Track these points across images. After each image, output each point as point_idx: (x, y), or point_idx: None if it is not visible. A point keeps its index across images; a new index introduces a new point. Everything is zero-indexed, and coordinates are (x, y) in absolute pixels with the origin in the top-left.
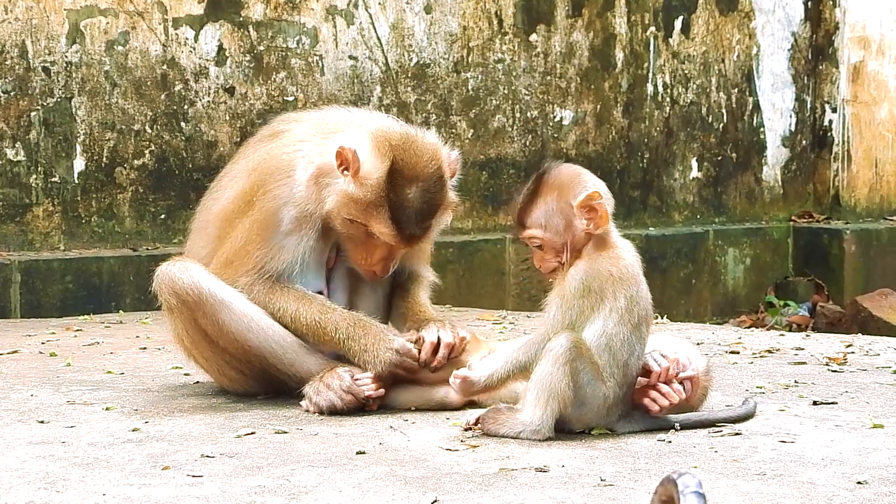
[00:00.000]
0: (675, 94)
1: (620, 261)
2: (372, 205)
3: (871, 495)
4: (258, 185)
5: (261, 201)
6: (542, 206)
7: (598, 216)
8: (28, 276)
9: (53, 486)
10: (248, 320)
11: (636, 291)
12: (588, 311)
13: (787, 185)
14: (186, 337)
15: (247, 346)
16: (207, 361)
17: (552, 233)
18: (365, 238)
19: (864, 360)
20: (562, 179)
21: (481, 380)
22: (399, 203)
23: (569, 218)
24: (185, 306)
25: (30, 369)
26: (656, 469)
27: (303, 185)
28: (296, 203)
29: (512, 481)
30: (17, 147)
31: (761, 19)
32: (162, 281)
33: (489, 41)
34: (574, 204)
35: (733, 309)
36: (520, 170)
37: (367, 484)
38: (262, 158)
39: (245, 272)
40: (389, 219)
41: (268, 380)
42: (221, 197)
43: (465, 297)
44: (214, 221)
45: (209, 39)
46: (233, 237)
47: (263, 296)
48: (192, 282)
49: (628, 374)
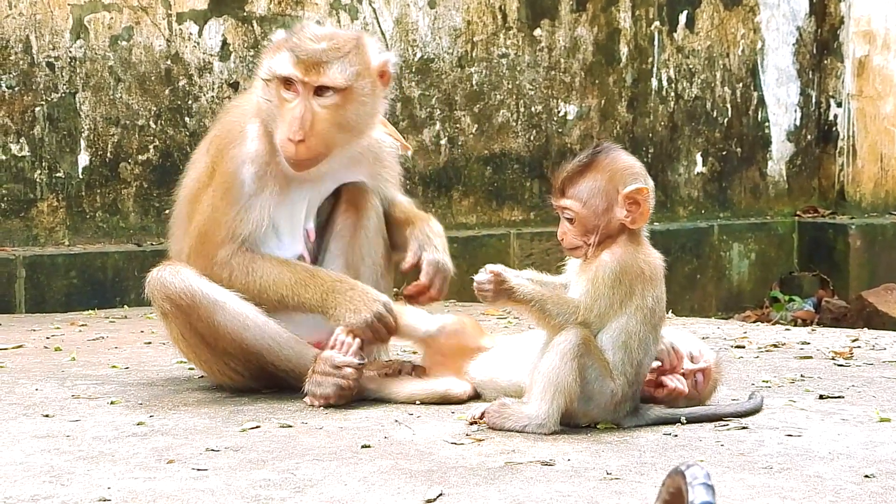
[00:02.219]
0: (680, 89)
1: (652, 260)
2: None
3: (878, 489)
4: (216, 156)
5: (220, 167)
6: (590, 182)
7: (639, 211)
8: (33, 271)
9: (58, 479)
10: (243, 318)
11: (661, 292)
12: (617, 305)
13: (791, 180)
14: (183, 341)
15: (244, 345)
16: (207, 364)
17: (589, 211)
18: (280, 102)
19: (870, 355)
20: (617, 164)
21: (511, 281)
22: (297, 45)
23: (611, 203)
24: (180, 311)
25: (35, 364)
26: (662, 463)
27: (256, 139)
28: (253, 159)
29: (518, 475)
30: (21, 142)
31: (766, 14)
32: (154, 287)
33: (493, 36)
34: (621, 192)
35: (738, 304)
36: (524, 165)
37: (372, 477)
38: (215, 134)
39: (221, 243)
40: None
41: (267, 378)
42: (186, 183)
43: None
44: (184, 206)
45: (213, 34)
46: (201, 210)
47: (244, 266)
48: (184, 285)
49: (640, 373)
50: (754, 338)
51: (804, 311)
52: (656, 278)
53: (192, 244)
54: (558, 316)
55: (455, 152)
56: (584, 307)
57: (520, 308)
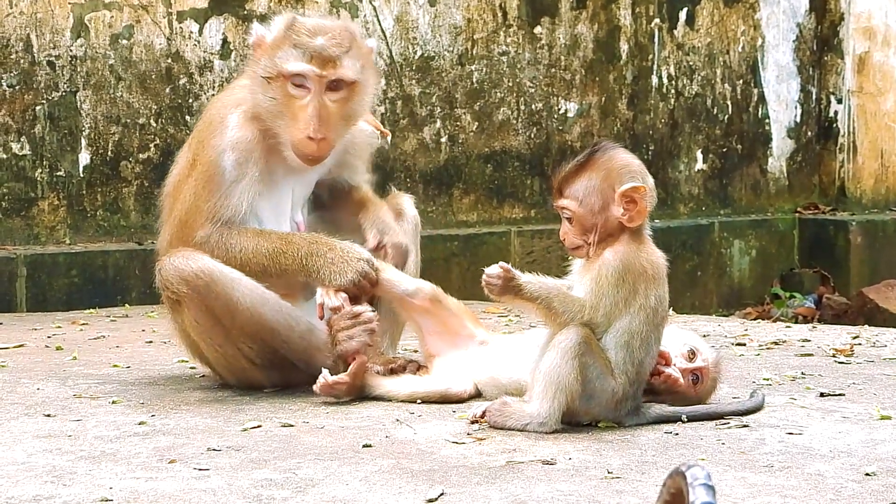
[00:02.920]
0: (680, 86)
1: (655, 259)
2: (281, 50)
3: (879, 487)
4: (197, 148)
5: (201, 157)
6: (585, 180)
7: (636, 210)
8: (33, 269)
9: (60, 479)
10: (260, 292)
11: (664, 291)
12: (622, 304)
13: (792, 176)
14: (195, 329)
15: (262, 321)
16: (217, 352)
17: (585, 210)
18: (287, 99)
19: (871, 352)
20: (614, 163)
21: (520, 279)
22: (304, 41)
23: (607, 202)
24: (197, 292)
25: (36, 363)
26: (663, 461)
27: (236, 127)
28: (234, 146)
29: (519, 474)
30: (22, 141)
31: (766, 10)
32: (168, 272)
33: (493, 33)
34: (617, 190)
35: (739, 301)
36: (524, 162)
37: (373, 477)
38: (198, 129)
39: (200, 226)
40: (296, 49)
41: (279, 364)
42: (170, 181)
43: (471, 291)
44: (166, 200)
45: (214, 33)
46: (182, 199)
47: (222, 242)
48: (199, 265)
49: (642, 373)
50: (755, 335)
51: (805, 308)
52: (659, 277)
53: (173, 231)
54: (564, 314)
55: (455, 150)
56: (590, 306)
57: (526, 306)
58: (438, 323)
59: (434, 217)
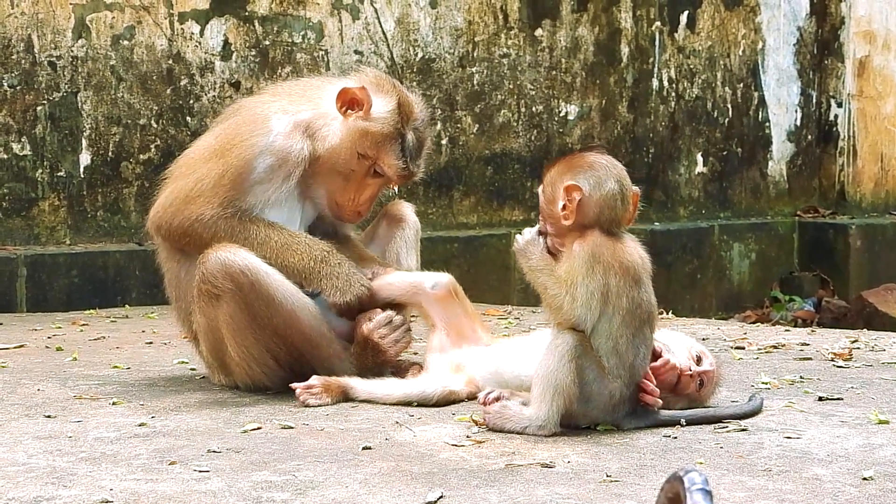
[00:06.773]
0: (681, 89)
1: (630, 257)
2: (386, 137)
3: (876, 491)
4: (230, 137)
5: (236, 149)
6: (552, 172)
7: (569, 209)
8: (34, 270)
9: (60, 480)
10: (300, 296)
11: (641, 293)
12: (598, 296)
13: (792, 180)
14: (228, 325)
15: (298, 325)
16: (244, 351)
17: (545, 199)
18: (362, 176)
19: (869, 356)
20: (582, 161)
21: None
22: (407, 137)
23: (554, 196)
24: (240, 288)
25: (36, 364)
26: (662, 465)
27: (281, 135)
28: (272, 152)
29: (518, 477)
30: (23, 141)
31: (767, 14)
32: (214, 267)
33: (494, 36)
34: (560, 186)
35: (738, 304)
36: (525, 164)
37: (373, 479)
38: (233, 121)
39: (205, 204)
40: (400, 151)
41: (299, 367)
42: (186, 154)
43: (470, 293)
44: (176, 170)
45: (215, 34)
46: (197, 177)
47: (231, 226)
48: (246, 262)
49: (634, 375)
50: (754, 339)
51: (804, 311)
52: (634, 276)
53: (172, 200)
54: (555, 296)
55: (456, 152)
56: (569, 294)
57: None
58: (452, 316)
59: (434, 219)
